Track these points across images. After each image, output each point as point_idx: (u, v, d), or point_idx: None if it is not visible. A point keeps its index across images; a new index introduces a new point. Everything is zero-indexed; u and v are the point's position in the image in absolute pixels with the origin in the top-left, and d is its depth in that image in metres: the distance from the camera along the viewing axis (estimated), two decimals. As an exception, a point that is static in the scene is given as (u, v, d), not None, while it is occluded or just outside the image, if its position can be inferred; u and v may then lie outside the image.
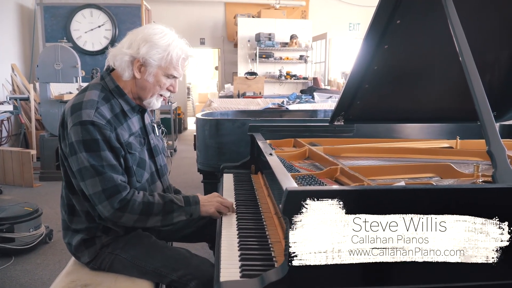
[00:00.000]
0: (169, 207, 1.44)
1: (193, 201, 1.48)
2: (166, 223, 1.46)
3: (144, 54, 1.45)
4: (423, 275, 0.92)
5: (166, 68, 1.50)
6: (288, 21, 8.58)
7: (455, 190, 0.93)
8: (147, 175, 1.55)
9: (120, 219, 1.40)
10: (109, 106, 1.47)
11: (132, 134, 1.52)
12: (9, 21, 6.76)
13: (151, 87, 1.52)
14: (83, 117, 1.38)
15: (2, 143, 6.11)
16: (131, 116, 1.55)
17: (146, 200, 1.42)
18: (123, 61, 1.47)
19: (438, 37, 1.56)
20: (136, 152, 1.51)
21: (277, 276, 0.90)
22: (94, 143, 1.37)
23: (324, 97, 5.90)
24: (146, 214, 1.41)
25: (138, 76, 1.49)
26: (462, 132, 2.20)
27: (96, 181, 1.37)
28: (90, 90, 1.49)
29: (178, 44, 1.50)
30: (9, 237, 2.92)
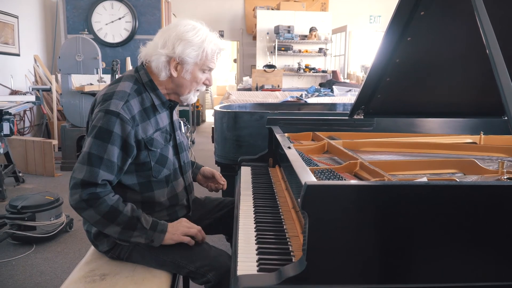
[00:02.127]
0: (133, 224, 1.38)
1: (159, 229, 1.42)
2: (122, 237, 1.40)
3: (180, 53, 1.46)
4: (444, 273, 0.90)
5: (202, 64, 1.51)
6: (307, 14, 8.50)
7: (480, 187, 0.90)
8: (167, 171, 1.55)
9: (82, 212, 1.37)
10: (139, 99, 1.48)
11: (158, 129, 1.52)
12: (32, 13, 6.87)
13: (188, 84, 1.53)
14: (111, 106, 1.39)
15: (25, 133, 6.23)
16: (161, 111, 1.55)
17: (116, 206, 1.38)
18: (160, 62, 1.48)
19: (463, 28, 1.52)
20: (157, 150, 1.50)
21: (294, 271, 0.89)
22: (108, 134, 1.37)
23: (343, 91, 5.84)
24: (109, 219, 1.37)
25: (175, 75, 1.50)
26: (486, 127, 2.15)
27: (83, 169, 1.36)
28: (124, 81, 1.50)
29: (212, 39, 1.51)
30: (30, 225, 2.98)
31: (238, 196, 1.61)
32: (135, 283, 1.38)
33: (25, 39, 6.53)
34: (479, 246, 0.90)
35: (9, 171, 4.42)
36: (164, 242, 1.43)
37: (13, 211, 2.98)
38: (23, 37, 6.48)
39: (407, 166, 1.50)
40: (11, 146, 4.69)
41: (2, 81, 5.81)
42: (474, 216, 0.89)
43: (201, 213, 1.78)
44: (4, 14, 5.94)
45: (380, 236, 0.89)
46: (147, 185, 1.51)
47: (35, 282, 2.52)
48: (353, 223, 0.89)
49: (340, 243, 0.88)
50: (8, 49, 6.08)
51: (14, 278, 2.56)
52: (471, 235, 0.90)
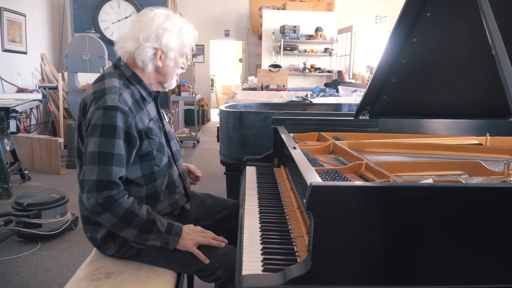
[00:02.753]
0: (149, 227, 1.39)
1: (174, 232, 1.43)
2: (138, 241, 1.41)
3: (167, 44, 1.50)
4: (449, 274, 0.90)
5: (182, 49, 1.56)
6: (313, 14, 8.49)
7: (486, 189, 0.90)
8: (165, 159, 1.57)
9: (99, 216, 1.37)
10: (129, 92, 1.49)
11: (151, 119, 1.55)
12: (39, 11, 6.91)
13: (171, 71, 1.58)
14: (108, 102, 1.39)
15: (31, 131, 6.27)
16: (149, 102, 1.58)
17: (132, 208, 1.38)
18: (147, 55, 1.49)
19: (469, 29, 1.52)
20: (156, 137, 1.52)
21: (299, 271, 0.89)
22: (112, 129, 1.37)
23: (348, 91, 5.84)
24: (125, 222, 1.37)
25: (160, 65, 1.53)
26: (492, 128, 2.14)
27: (94, 169, 1.35)
28: (108, 78, 1.49)
29: (186, 25, 1.57)
30: (36, 223, 3.00)
31: (243, 196, 1.61)
32: (140, 281, 1.39)
33: (32, 37, 6.56)
34: (484, 248, 0.90)
35: (15, 168, 4.44)
36: (179, 246, 1.43)
37: (19, 209, 3.00)
38: (30, 36, 6.51)
39: (412, 167, 1.50)
40: (17, 144, 4.72)
41: (9, 79, 5.85)
42: (480, 218, 0.89)
43: (201, 212, 1.78)
44: (12, 12, 5.97)
45: (385, 237, 0.89)
46: (150, 176, 1.52)
47: (40, 280, 2.53)
48: (358, 224, 0.89)
49: (345, 244, 0.88)
50: (15, 47, 6.12)
51: (19, 275, 2.57)
52: (477, 237, 0.90)
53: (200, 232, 1.49)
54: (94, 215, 1.38)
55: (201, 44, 10.15)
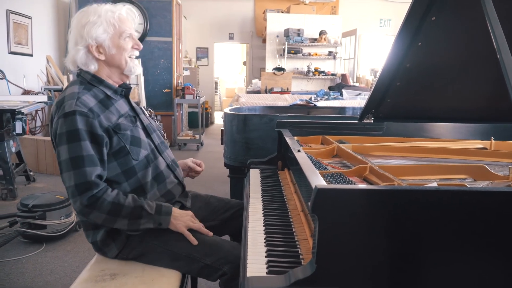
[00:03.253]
0: (138, 213, 1.43)
1: (164, 211, 1.47)
2: (132, 227, 1.45)
3: (90, 36, 1.49)
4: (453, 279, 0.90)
5: (117, 33, 1.53)
6: (317, 17, 8.51)
7: (491, 193, 0.90)
8: (145, 152, 1.57)
9: (88, 215, 1.41)
10: (92, 93, 1.51)
11: (121, 115, 1.55)
12: (45, 14, 6.95)
13: (120, 56, 1.55)
14: (66, 108, 1.42)
15: (36, 133, 6.30)
16: (117, 99, 1.59)
17: (116, 200, 1.41)
18: (81, 56, 1.51)
19: (474, 34, 1.52)
20: (127, 131, 1.52)
21: (304, 274, 0.89)
22: (75, 133, 1.39)
23: (352, 94, 5.84)
24: (114, 215, 1.41)
25: (102, 58, 1.54)
26: (496, 132, 2.14)
27: (71, 175, 1.39)
28: (70, 86, 1.53)
29: (106, 8, 1.53)
30: (41, 224, 3.01)
31: (247, 199, 1.61)
32: (144, 283, 1.40)
33: (38, 39, 6.61)
34: (489, 252, 0.90)
35: (20, 170, 4.47)
36: (172, 226, 1.47)
37: (24, 210, 3.02)
38: (36, 38, 6.55)
39: (417, 171, 1.50)
40: (22, 145, 4.75)
41: (15, 81, 5.88)
42: (484, 222, 0.89)
43: (207, 213, 1.79)
44: (18, 14, 6.01)
45: (390, 240, 0.90)
46: (130, 171, 1.53)
47: (45, 281, 2.55)
48: (362, 227, 0.89)
49: (350, 247, 0.89)
50: (21, 49, 6.16)
51: (24, 276, 2.59)
52: (481, 241, 0.90)
53: (190, 216, 1.52)
54: (84, 216, 1.43)
55: (205, 47, 10.19)
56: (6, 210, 3.68)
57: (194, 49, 10.14)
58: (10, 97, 5.14)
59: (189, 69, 8.63)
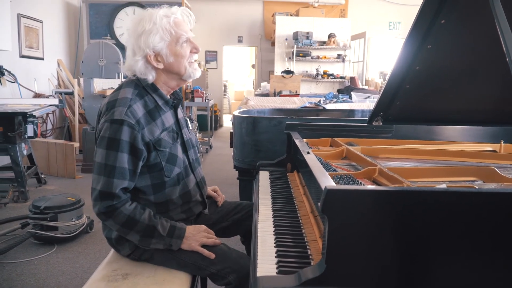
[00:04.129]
0: (150, 232, 1.44)
1: (176, 234, 1.47)
2: (143, 244, 1.47)
3: (148, 46, 1.47)
4: (463, 279, 0.91)
5: (173, 40, 1.50)
6: (326, 20, 8.51)
7: (500, 194, 0.91)
8: (178, 169, 1.58)
9: (104, 221, 1.47)
10: (143, 102, 1.51)
11: (165, 129, 1.55)
12: (56, 18, 7.04)
13: (178, 64, 1.53)
14: (115, 115, 1.42)
15: (47, 135, 6.37)
16: (166, 111, 1.58)
17: (132, 215, 1.43)
18: (140, 67, 1.50)
19: (484, 37, 1.52)
20: (166, 149, 1.53)
21: (314, 274, 0.90)
22: (117, 142, 1.41)
23: (361, 97, 5.83)
24: (127, 228, 1.44)
25: (161, 66, 1.52)
26: (506, 135, 2.13)
27: (100, 179, 1.41)
28: (125, 88, 1.53)
29: (159, 15, 1.49)
30: (52, 225, 3.05)
31: (257, 200, 1.63)
32: (156, 283, 1.42)
33: (49, 43, 6.69)
34: (497, 253, 0.90)
35: (32, 172, 4.52)
36: (183, 246, 1.48)
37: (36, 212, 3.05)
38: (47, 42, 6.64)
39: (426, 173, 1.51)
40: (34, 148, 4.81)
41: (27, 85, 5.96)
42: (493, 223, 0.90)
43: (219, 216, 1.81)
44: (29, 19, 6.10)
45: (399, 241, 0.90)
46: (159, 186, 1.54)
47: (57, 281, 2.58)
48: (372, 228, 0.90)
49: (359, 247, 0.90)
50: (32, 53, 6.24)
51: (36, 277, 2.62)
52: (490, 242, 0.90)
53: (203, 231, 1.52)
54: (101, 220, 1.47)
55: (214, 50, 10.23)
56: (18, 212, 3.73)
57: (203, 52, 10.19)
58: (21, 100, 5.22)
59: (198, 72, 8.64)
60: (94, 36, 6.85)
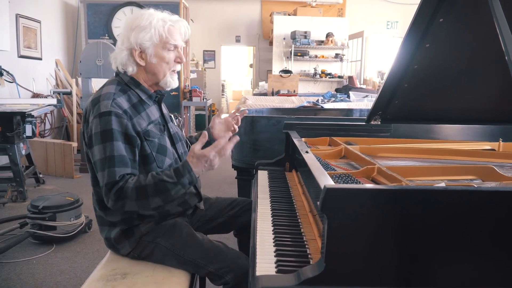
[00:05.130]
0: (162, 187, 1.39)
1: (184, 171, 1.40)
2: (168, 201, 1.42)
3: (136, 41, 1.51)
4: (461, 277, 0.91)
5: (162, 43, 1.54)
6: (324, 19, 8.51)
7: (499, 192, 0.91)
8: (169, 160, 1.58)
9: (123, 208, 1.42)
10: (126, 97, 1.53)
11: (151, 122, 1.57)
12: (54, 18, 7.03)
13: (159, 67, 1.56)
14: (101, 108, 1.44)
15: (45, 135, 6.36)
16: (150, 104, 1.61)
17: (138, 184, 1.39)
18: (123, 57, 1.55)
19: (483, 36, 1.52)
20: (155, 139, 1.54)
21: (313, 273, 0.91)
22: (109, 133, 1.42)
23: (360, 96, 5.83)
24: (143, 197, 1.39)
25: (142, 64, 1.55)
26: (505, 134, 2.13)
27: (104, 174, 1.41)
28: (107, 85, 1.56)
29: (158, 17, 1.53)
30: (51, 225, 3.05)
31: (255, 200, 1.63)
32: (155, 282, 1.42)
33: (47, 43, 6.67)
34: (497, 252, 0.91)
35: (30, 172, 4.51)
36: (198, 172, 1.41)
37: (35, 211, 3.05)
38: (45, 42, 6.62)
39: (424, 172, 1.51)
40: (32, 148, 4.80)
41: (25, 84, 5.94)
42: (492, 221, 0.90)
43: (214, 212, 1.83)
44: (27, 19, 6.08)
45: (398, 239, 0.90)
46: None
47: (55, 281, 2.57)
48: (371, 227, 0.90)
49: (358, 246, 0.90)
50: (30, 53, 6.23)
51: (34, 277, 2.62)
52: (489, 240, 0.90)
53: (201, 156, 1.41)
54: (120, 210, 1.44)
55: (212, 50, 10.22)
56: (16, 211, 3.72)
57: (201, 52, 10.19)
58: (20, 100, 5.21)
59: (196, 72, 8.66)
60: (92, 36, 6.83)
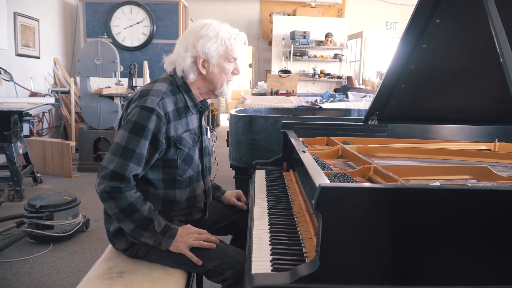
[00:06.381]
0: (146, 225, 1.44)
1: (169, 234, 1.46)
2: (134, 235, 1.46)
3: (203, 50, 1.55)
4: (456, 275, 0.91)
5: (225, 54, 1.58)
6: (323, 19, 8.51)
7: (492, 191, 0.91)
8: (191, 172, 1.61)
9: (104, 201, 1.45)
10: (174, 99, 1.56)
11: (188, 130, 1.59)
12: (52, 17, 7.02)
13: (218, 77, 1.61)
14: (147, 103, 1.47)
15: (43, 134, 6.35)
16: (193, 113, 1.63)
17: (135, 203, 1.43)
18: (186, 64, 1.57)
19: (478, 37, 1.53)
20: (185, 148, 1.57)
21: (308, 271, 0.91)
22: (143, 129, 1.44)
23: (358, 96, 5.84)
24: (126, 214, 1.43)
25: (204, 72, 1.59)
26: (501, 134, 2.14)
27: (114, 159, 1.42)
28: (160, 82, 1.59)
29: (225, 29, 1.59)
30: (48, 224, 3.04)
31: (253, 199, 1.63)
32: (151, 281, 1.42)
33: (45, 42, 6.67)
34: (491, 250, 0.91)
35: (27, 171, 4.51)
36: (172, 248, 1.46)
37: (32, 210, 3.05)
38: (43, 40, 6.62)
39: (420, 172, 1.51)
40: (30, 147, 4.80)
41: (23, 83, 5.94)
42: (486, 220, 0.90)
43: (216, 217, 1.84)
44: (25, 17, 6.08)
45: (392, 237, 0.91)
46: (170, 183, 1.57)
47: (52, 280, 2.57)
48: (366, 225, 0.91)
49: (353, 244, 0.90)
50: (28, 51, 6.22)
51: (31, 276, 2.62)
52: (483, 238, 0.91)
53: (193, 233, 1.50)
54: (101, 200, 1.46)
55: (211, 50, 10.20)
56: (13, 211, 3.72)
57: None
58: (17, 99, 5.20)
59: (195, 71, 8.64)
60: (90, 34, 6.83)
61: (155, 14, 6.88)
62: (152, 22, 6.85)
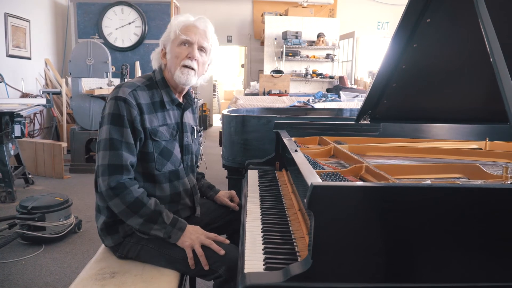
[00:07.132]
0: (155, 218, 1.45)
1: (178, 226, 1.47)
2: (143, 229, 1.46)
3: (163, 41, 1.64)
4: (447, 273, 0.92)
5: (175, 38, 1.59)
6: (315, 20, 8.54)
7: (482, 189, 0.92)
8: (171, 166, 1.61)
9: (110, 200, 1.45)
10: (149, 93, 1.58)
11: (165, 124, 1.60)
12: (43, 17, 6.97)
13: (171, 63, 1.61)
14: (119, 93, 1.50)
15: (35, 136, 6.31)
16: (170, 108, 1.64)
17: (141, 198, 1.45)
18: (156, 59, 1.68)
19: (469, 36, 1.55)
20: (161, 141, 1.57)
21: (300, 269, 0.91)
22: (120, 118, 1.47)
23: (350, 96, 5.87)
24: (133, 210, 1.43)
25: (165, 62, 1.64)
26: (491, 133, 2.16)
27: (107, 154, 1.44)
28: (138, 77, 1.64)
29: (178, 17, 1.63)
30: (40, 225, 3.03)
31: (245, 198, 1.63)
32: (144, 281, 1.41)
33: (36, 43, 6.62)
34: (481, 246, 0.92)
35: (19, 172, 4.48)
36: (179, 242, 1.46)
37: (24, 212, 3.03)
38: (35, 41, 6.57)
39: (412, 170, 1.52)
40: (21, 148, 4.76)
41: (14, 84, 5.89)
42: (476, 217, 0.91)
43: (209, 217, 1.83)
44: (16, 18, 6.03)
45: (384, 236, 0.92)
46: (150, 177, 1.57)
47: (44, 282, 2.56)
48: (357, 223, 0.91)
49: (345, 242, 0.91)
50: (19, 52, 6.18)
51: (23, 278, 2.60)
52: (474, 236, 0.92)
53: (201, 234, 1.50)
54: (107, 199, 1.46)
55: (204, 50, 10.19)
56: (5, 212, 3.69)
57: (192, 51, 10.15)
58: (8, 100, 5.16)
59: (187, 71, 8.63)
60: (82, 35, 6.79)
61: (147, 15, 6.86)
62: (143, 23, 6.83)
